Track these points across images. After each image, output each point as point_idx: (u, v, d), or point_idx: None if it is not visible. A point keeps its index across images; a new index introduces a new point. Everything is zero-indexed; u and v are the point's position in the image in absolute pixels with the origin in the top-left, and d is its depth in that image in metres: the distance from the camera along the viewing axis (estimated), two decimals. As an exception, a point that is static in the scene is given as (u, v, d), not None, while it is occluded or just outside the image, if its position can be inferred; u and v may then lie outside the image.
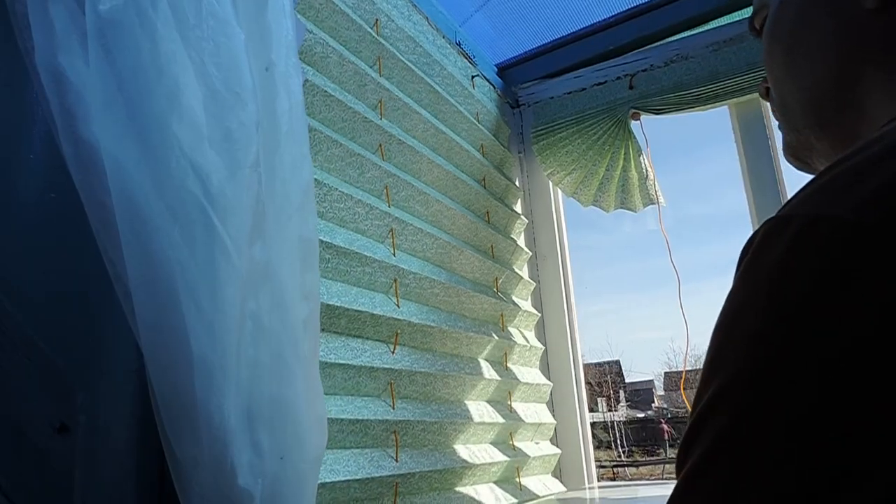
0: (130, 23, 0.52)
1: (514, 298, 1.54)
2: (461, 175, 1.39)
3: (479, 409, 1.26)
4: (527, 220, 1.71)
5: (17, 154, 0.55)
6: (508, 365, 1.44)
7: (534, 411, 1.50)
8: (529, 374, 1.53)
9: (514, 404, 1.42)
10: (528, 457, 1.37)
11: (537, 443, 1.49)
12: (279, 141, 0.65)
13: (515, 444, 1.36)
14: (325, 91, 1.00)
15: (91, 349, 0.56)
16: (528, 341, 1.54)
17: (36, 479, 0.50)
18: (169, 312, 0.52)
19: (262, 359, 0.58)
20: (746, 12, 1.45)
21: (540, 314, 1.68)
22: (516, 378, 1.41)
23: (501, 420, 1.29)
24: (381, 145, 1.15)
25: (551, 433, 1.59)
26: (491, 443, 1.30)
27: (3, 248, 0.52)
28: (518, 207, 1.71)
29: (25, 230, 0.54)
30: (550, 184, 1.73)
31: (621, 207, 1.61)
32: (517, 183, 1.72)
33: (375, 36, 1.17)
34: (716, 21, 1.50)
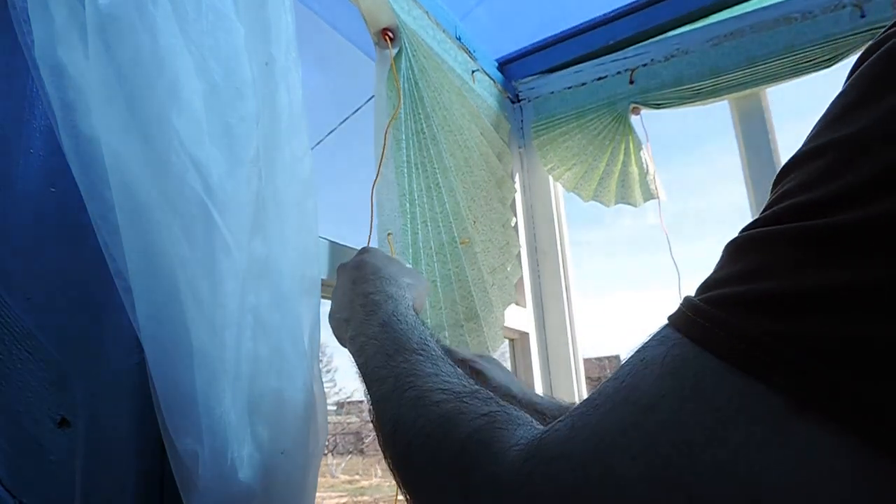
0: (130, 17, 0.52)
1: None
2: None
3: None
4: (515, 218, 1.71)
5: (17, 148, 0.55)
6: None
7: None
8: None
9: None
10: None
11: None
12: (279, 136, 0.65)
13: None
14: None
15: (91, 343, 0.56)
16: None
17: (36, 473, 0.50)
18: (169, 307, 0.52)
19: (263, 353, 0.58)
20: (747, 7, 1.45)
21: (541, 308, 1.68)
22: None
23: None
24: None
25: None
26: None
27: (3, 243, 0.52)
28: (518, 202, 1.71)
29: (25, 224, 0.54)
30: (550, 179, 1.73)
31: (622, 202, 1.61)
32: (517, 178, 1.72)
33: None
34: (716, 15, 1.49)
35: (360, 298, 0.66)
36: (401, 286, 0.67)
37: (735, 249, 0.30)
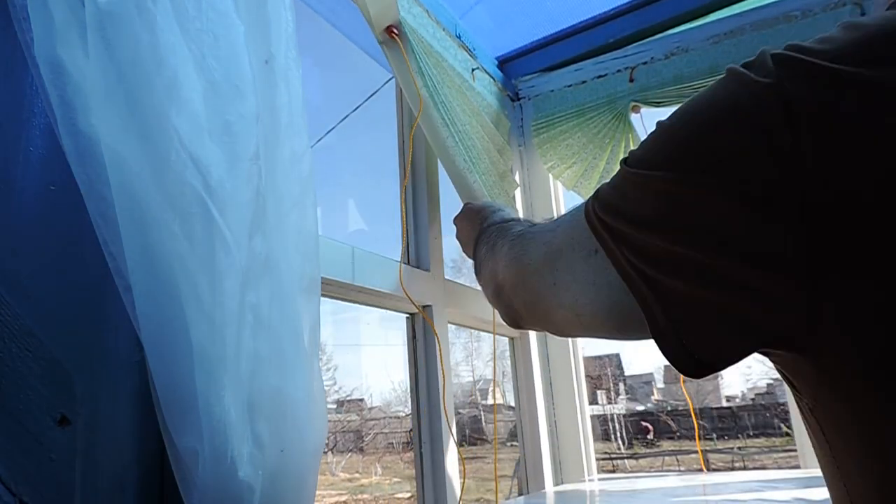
0: (130, 15, 0.52)
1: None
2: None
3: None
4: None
5: (17, 147, 0.55)
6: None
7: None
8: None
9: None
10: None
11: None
12: (279, 134, 0.65)
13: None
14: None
15: (91, 341, 0.56)
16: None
17: (37, 471, 0.50)
18: (169, 305, 0.52)
19: (262, 351, 0.58)
20: (747, 5, 1.45)
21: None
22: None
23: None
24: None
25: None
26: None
27: (3, 241, 0.52)
28: (518, 200, 1.70)
29: (25, 223, 0.54)
30: (550, 177, 1.73)
31: (621, 201, 1.60)
32: (517, 176, 1.72)
33: (375, 28, 1.16)
34: (716, 14, 1.49)
35: (486, 213, 1.00)
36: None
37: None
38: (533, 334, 1.62)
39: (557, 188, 1.76)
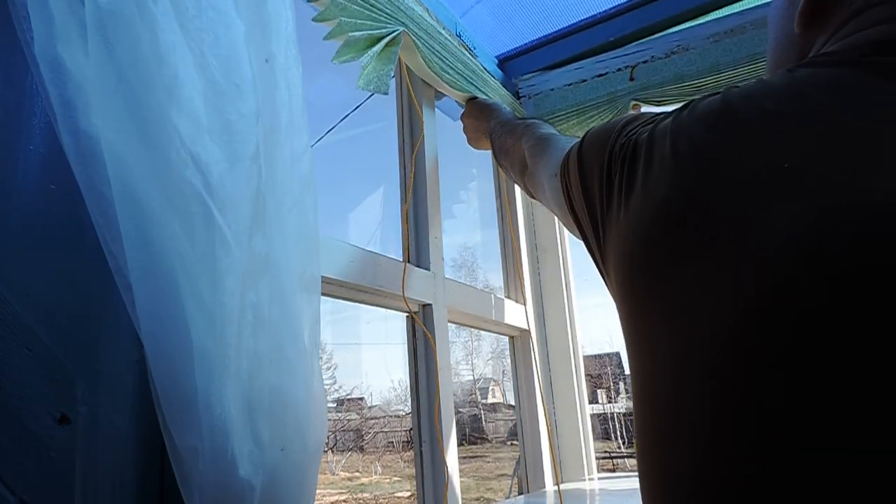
0: (130, 14, 0.52)
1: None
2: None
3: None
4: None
5: (17, 145, 0.55)
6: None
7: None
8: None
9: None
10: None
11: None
12: (279, 133, 0.65)
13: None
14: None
15: (92, 340, 0.56)
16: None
17: (36, 470, 0.50)
18: (169, 304, 0.52)
19: (263, 350, 0.58)
20: (747, 3, 1.45)
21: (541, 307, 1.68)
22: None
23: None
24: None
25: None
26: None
27: (3, 240, 0.52)
28: (518, 200, 1.70)
29: (25, 221, 0.54)
30: (551, 176, 1.73)
31: (622, 199, 1.60)
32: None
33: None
34: (717, 12, 1.49)
35: (497, 108, 1.34)
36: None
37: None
38: (533, 335, 1.62)
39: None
